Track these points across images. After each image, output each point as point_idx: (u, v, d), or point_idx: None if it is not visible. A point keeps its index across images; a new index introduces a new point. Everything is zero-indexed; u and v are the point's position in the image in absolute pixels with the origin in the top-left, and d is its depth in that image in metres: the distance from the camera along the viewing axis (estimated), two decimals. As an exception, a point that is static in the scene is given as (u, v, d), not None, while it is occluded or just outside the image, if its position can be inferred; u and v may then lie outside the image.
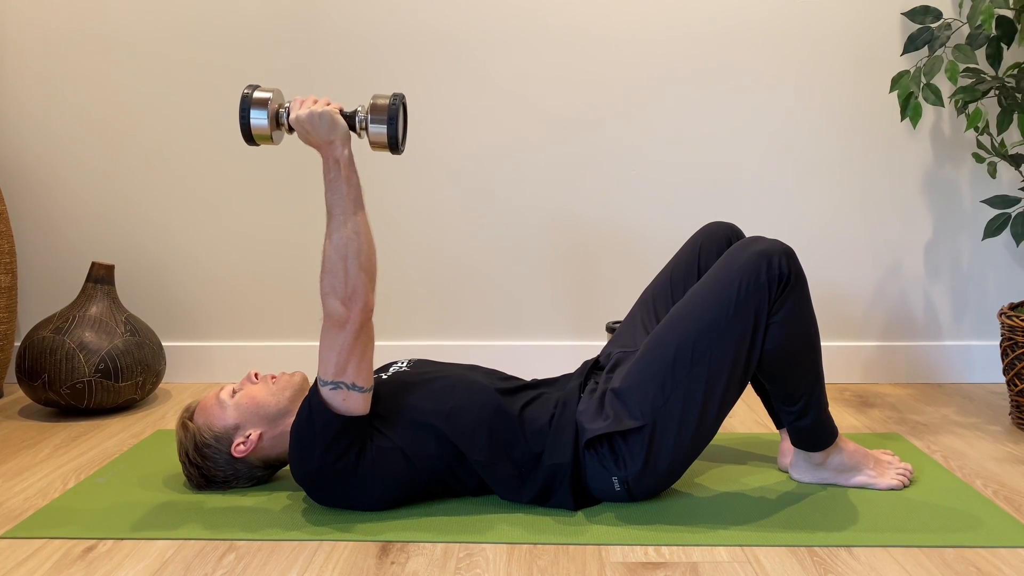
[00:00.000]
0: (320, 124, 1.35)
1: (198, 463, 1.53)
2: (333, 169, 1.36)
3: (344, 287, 1.35)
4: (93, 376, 2.03)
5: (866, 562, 1.28)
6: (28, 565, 1.30)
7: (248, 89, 1.38)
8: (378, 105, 1.38)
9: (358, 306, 1.36)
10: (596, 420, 1.45)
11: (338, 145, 1.36)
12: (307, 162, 2.32)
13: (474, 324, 2.40)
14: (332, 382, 1.38)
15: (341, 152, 1.36)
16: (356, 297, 1.35)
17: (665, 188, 2.33)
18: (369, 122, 1.38)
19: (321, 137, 1.35)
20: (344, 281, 1.35)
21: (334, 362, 1.37)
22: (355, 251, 1.35)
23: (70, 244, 2.40)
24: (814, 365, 1.48)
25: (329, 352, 1.38)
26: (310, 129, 1.35)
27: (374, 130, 1.38)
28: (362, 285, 1.36)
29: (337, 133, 1.36)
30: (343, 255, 1.35)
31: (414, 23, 2.29)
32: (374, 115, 1.38)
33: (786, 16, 2.27)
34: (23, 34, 2.32)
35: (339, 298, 1.35)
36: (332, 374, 1.38)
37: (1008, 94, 2.02)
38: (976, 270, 2.34)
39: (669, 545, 1.34)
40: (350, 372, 1.38)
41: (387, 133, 1.38)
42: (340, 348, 1.37)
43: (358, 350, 1.38)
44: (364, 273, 1.36)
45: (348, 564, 1.29)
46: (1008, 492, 1.55)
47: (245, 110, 1.37)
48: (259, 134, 1.39)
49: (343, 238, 1.35)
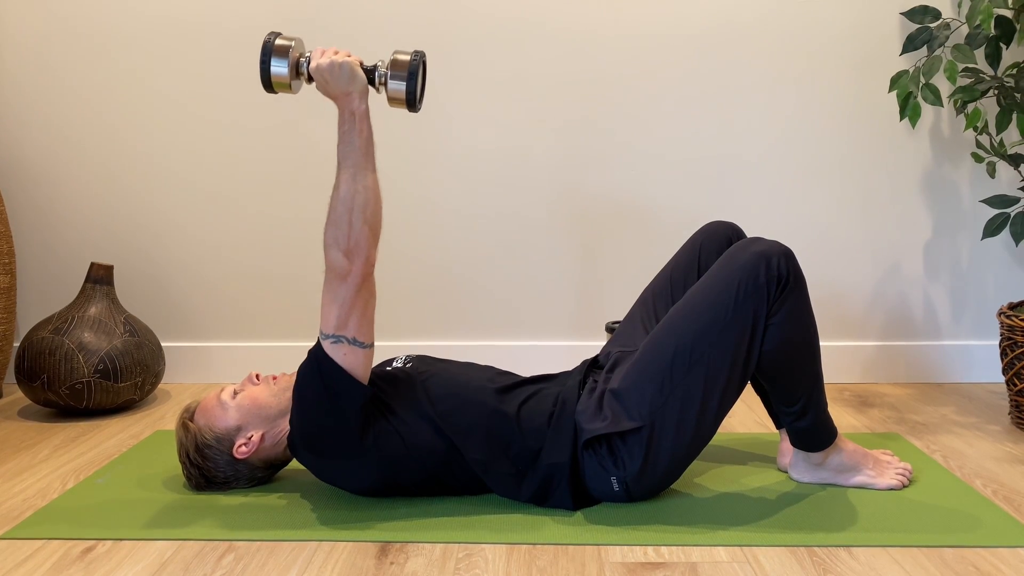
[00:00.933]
0: (340, 74, 1.35)
1: (199, 464, 1.53)
2: (348, 121, 1.36)
3: (347, 239, 1.35)
4: (92, 376, 2.03)
5: (865, 562, 1.28)
6: (27, 566, 1.30)
7: (270, 36, 1.38)
8: (399, 61, 1.38)
9: (360, 259, 1.36)
10: (595, 420, 1.45)
11: (356, 97, 1.36)
12: (308, 163, 2.32)
13: (473, 324, 2.39)
14: (333, 335, 1.38)
15: (358, 105, 1.36)
16: (359, 250, 1.36)
17: (665, 187, 2.33)
18: (389, 77, 1.38)
19: (340, 88, 1.36)
20: (348, 233, 1.35)
21: (335, 315, 1.38)
22: (361, 204, 1.35)
23: (69, 245, 2.40)
24: (813, 365, 1.48)
25: (331, 305, 1.38)
26: (329, 79, 1.35)
27: (393, 86, 1.38)
28: (365, 239, 1.36)
29: (356, 85, 1.36)
30: (349, 207, 1.35)
31: (414, 23, 2.29)
32: (394, 71, 1.38)
33: (785, 16, 2.27)
34: (23, 35, 2.32)
35: (341, 249, 1.35)
36: (333, 327, 1.38)
37: (1007, 94, 2.02)
38: (975, 270, 2.34)
39: (668, 545, 1.34)
40: (351, 326, 1.38)
41: (406, 89, 1.38)
42: (342, 301, 1.37)
43: (360, 304, 1.38)
44: (368, 227, 1.36)
45: (347, 564, 1.29)
46: (1007, 492, 1.55)
47: (266, 56, 1.37)
48: (278, 82, 1.39)
49: (351, 191, 1.35)
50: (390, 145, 2.32)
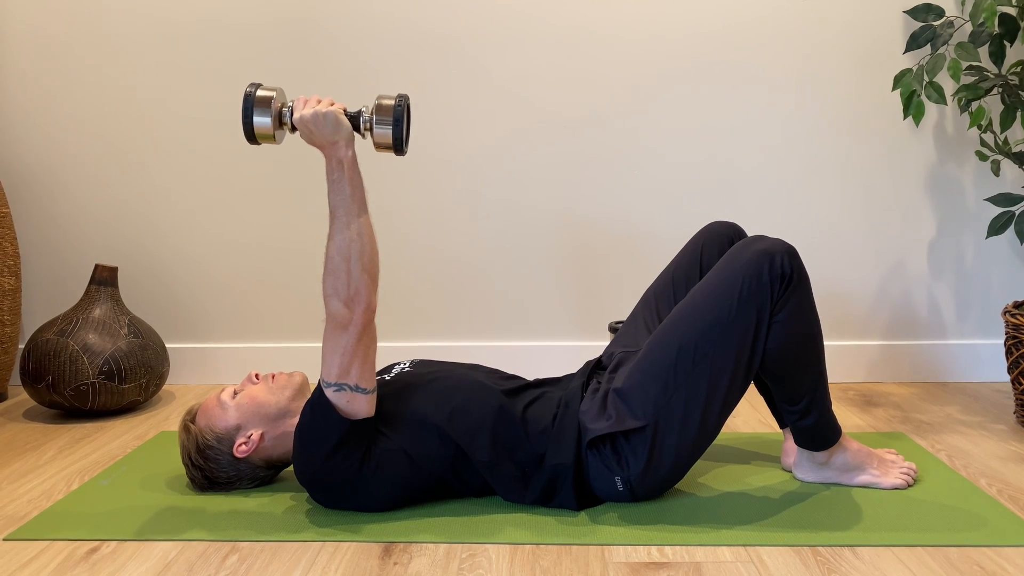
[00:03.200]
0: (324, 124, 1.34)
1: (201, 465, 1.53)
2: (336, 170, 1.35)
3: (347, 288, 1.35)
4: (97, 378, 2.03)
5: (870, 562, 1.28)
6: (32, 567, 1.30)
7: (251, 88, 1.38)
8: (383, 106, 1.37)
9: (361, 307, 1.36)
10: (598, 420, 1.45)
11: (342, 146, 1.35)
12: (309, 165, 2.32)
13: (476, 325, 2.39)
14: (336, 384, 1.38)
15: (345, 153, 1.35)
16: (359, 299, 1.35)
17: (667, 187, 2.33)
18: (374, 123, 1.38)
19: (325, 137, 1.35)
20: (347, 283, 1.35)
21: (337, 364, 1.37)
22: (358, 252, 1.35)
23: (73, 247, 2.40)
24: (817, 364, 1.48)
25: (332, 354, 1.38)
26: (314, 129, 1.35)
27: (379, 131, 1.38)
28: (365, 287, 1.36)
29: (341, 134, 1.35)
30: (346, 256, 1.35)
31: (414, 23, 2.29)
32: (379, 116, 1.37)
33: (788, 14, 2.27)
34: (26, 38, 2.33)
35: (341, 300, 1.35)
36: (336, 376, 1.38)
37: (1011, 92, 2.01)
38: (980, 268, 2.33)
39: (672, 545, 1.34)
40: (353, 374, 1.38)
41: (392, 135, 1.37)
42: (343, 350, 1.37)
43: (361, 351, 1.38)
44: (367, 274, 1.36)
45: (351, 565, 1.29)
46: (1013, 491, 1.55)
47: (248, 109, 1.37)
48: (262, 133, 1.38)
49: (346, 239, 1.35)
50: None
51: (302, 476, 1.45)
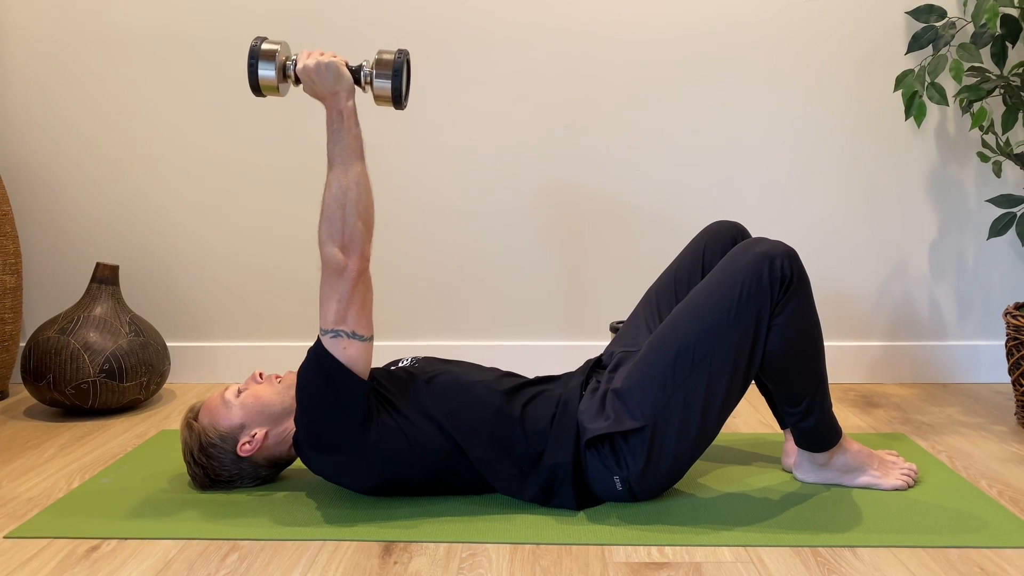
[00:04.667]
0: (326, 74, 1.38)
1: (203, 463, 1.53)
2: (336, 120, 1.39)
3: (342, 235, 1.37)
4: (98, 376, 2.03)
5: (870, 563, 1.28)
6: (32, 565, 1.30)
7: (256, 41, 1.42)
8: (383, 60, 1.42)
9: (356, 254, 1.38)
10: (597, 420, 1.45)
11: (342, 96, 1.39)
12: (310, 164, 2.32)
13: (476, 324, 2.40)
14: (332, 330, 1.39)
15: (345, 103, 1.39)
16: (353, 245, 1.38)
17: (669, 188, 2.33)
18: (374, 76, 1.42)
19: (326, 88, 1.39)
20: (342, 229, 1.37)
21: (334, 310, 1.39)
22: (354, 200, 1.37)
23: (75, 245, 2.40)
24: (817, 366, 1.48)
25: (328, 301, 1.39)
26: (316, 79, 1.39)
27: (379, 84, 1.42)
28: (359, 234, 1.38)
29: (342, 84, 1.39)
30: (342, 203, 1.37)
31: (415, 23, 2.29)
32: (379, 69, 1.42)
33: (790, 15, 2.27)
34: (27, 37, 2.33)
35: (336, 245, 1.38)
36: (332, 322, 1.39)
37: (1013, 93, 2.01)
38: (981, 269, 2.33)
39: (672, 545, 1.34)
40: (350, 320, 1.39)
41: (391, 87, 1.42)
42: (339, 296, 1.38)
43: (357, 297, 1.39)
44: (362, 222, 1.38)
45: (351, 564, 1.29)
46: (1013, 492, 1.55)
47: (253, 61, 1.41)
48: (266, 85, 1.43)
49: (342, 187, 1.38)
50: (392, 145, 2.33)
51: (304, 434, 1.44)
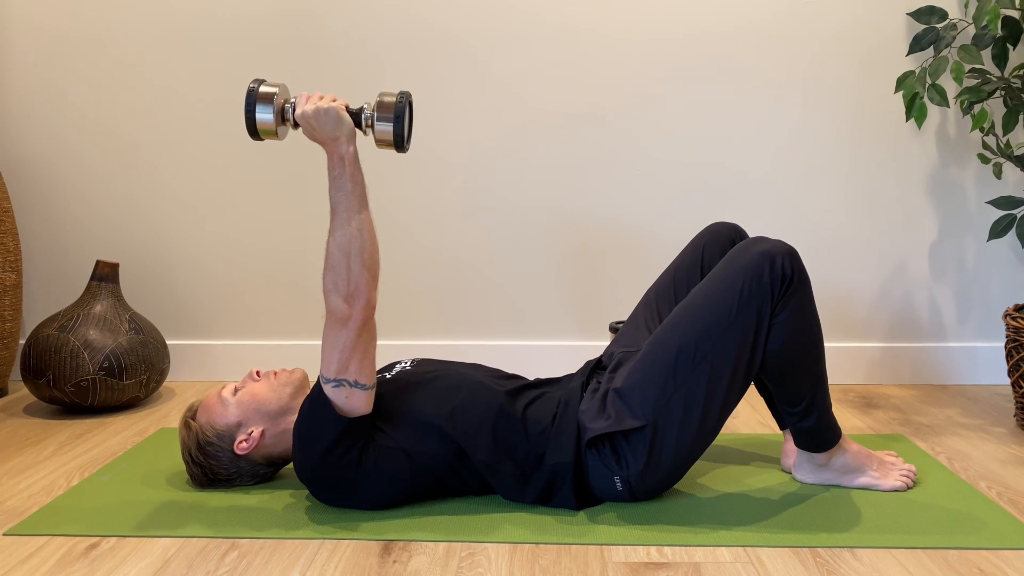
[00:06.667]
0: (326, 120, 1.35)
1: (201, 462, 1.53)
2: (338, 166, 1.36)
3: (347, 284, 1.35)
4: (97, 374, 2.03)
5: (869, 563, 1.28)
6: (31, 562, 1.30)
7: (254, 83, 1.38)
8: (385, 103, 1.38)
9: (360, 303, 1.36)
10: (598, 420, 1.45)
11: (343, 142, 1.36)
12: (310, 163, 2.32)
13: (476, 324, 2.40)
14: (335, 380, 1.38)
15: (346, 149, 1.36)
16: (358, 295, 1.36)
17: (669, 188, 2.33)
18: (375, 120, 1.38)
19: (327, 133, 1.36)
20: (347, 279, 1.35)
21: (336, 360, 1.37)
22: (358, 249, 1.35)
23: (75, 243, 2.40)
24: (817, 366, 1.48)
25: (332, 350, 1.38)
26: (316, 125, 1.35)
27: (380, 128, 1.38)
28: (364, 283, 1.36)
29: (343, 130, 1.35)
30: (346, 252, 1.35)
31: (415, 22, 2.29)
32: (380, 113, 1.38)
33: (791, 16, 2.27)
34: (27, 35, 2.33)
35: (341, 295, 1.35)
36: (335, 372, 1.38)
37: (1014, 95, 2.01)
38: (981, 271, 2.33)
39: (671, 545, 1.34)
40: (352, 370, 1.38)
41: (393, 131, 1.38)
42: (343, 346, 1.37)
43: (360, 348, 1.38)
44: (367, 271, 1.36)
45: (350, 563, 1.29)
46: (1012, 494, 1.55)
47: (251, 105, 1.37)
48: (264, 129, 1.39)
49: (346, 235, 1.35)
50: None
51: (301, 473, 1.45)
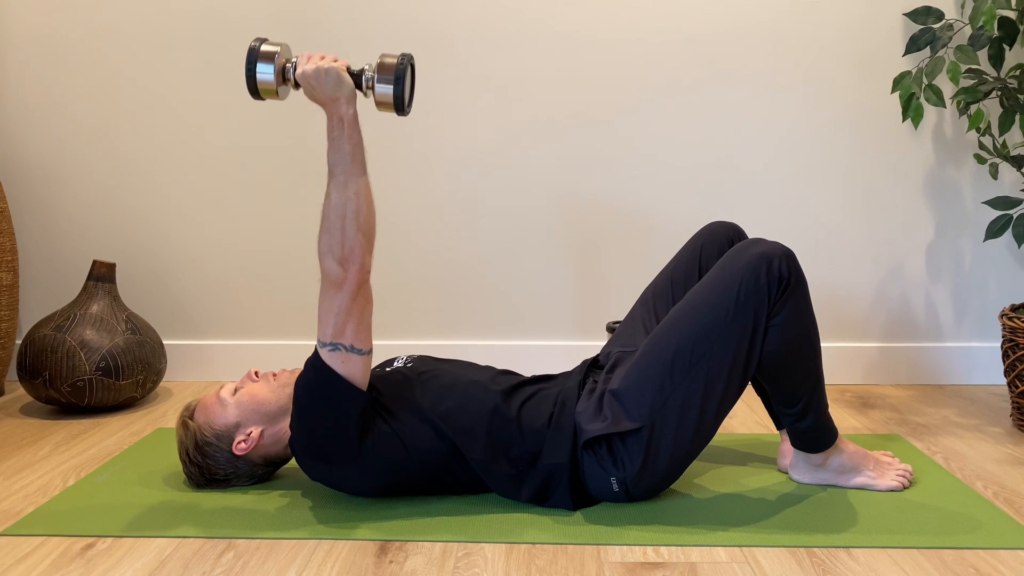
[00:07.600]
0: (326, 80, 1.33)
1: (198, 461, 1.53)
2: (337, 127, 1.34)
3: (341, 247, 1.34)
4: (94, 374, 2.03)
5: (865, 563, 1.28)
6: (27, 562, 1.30)
7: (256, 42, 1.36)
8: (386, 64, 1.35)
9: (355, 267, 1.35)
10: (594, 421, 1.45)
11: (343, 103, 1.34)
12: (309, 162, 2.32)
13: (473, 323, 2.40)
14: (331, 343, 1.38)
15: (346, 110, 1.34)
16: (353, 257, 1.35)
17: (667, 188, 2.33)
18: (376, 81, 1.36)
19: (327, 93, 1.34)
20: (341, 241, 1.34)
21: (332, 323, 1.37)
22: (354, 211, 1.34)
23: (71, 242, 2.40)
24: (814, 367, 1.48)
25: (327, 314, 1.37)
26: (316, 85, 1.34)
27: (380, 89, 1.36)
28: (359, 246, 1.35)
29: (343, 90, 1.34)
30: (341, 215, 1.34)
31: (413, 22, 2.29)
32: (381, 74, 1.36)
33: (787, 17, 2.27)
34: (24, 35, 2.33)
35: (336, 258, 1.35)
36: (331, 335, 1.37)
37: (1010, 95, 2.02)
38: (977, 271, 2.34)
39: (668, 545, 1.34)
40: (348, 333, 1.37)
41: (393, 93, 1.35)
42: (338, 309, 1.36)
43: (356, 311, 1.37)
44: (362, 234, 1.35)
45: (347, 563, 1.29)
46: (1008, 494, 1.55)
47: (252, 63, 1.36)
48: (265, 88, 1.37)
49: (343, 198, 1.34)
50: (391, 145, 2.33)
51: (300, 443, 1.44)
